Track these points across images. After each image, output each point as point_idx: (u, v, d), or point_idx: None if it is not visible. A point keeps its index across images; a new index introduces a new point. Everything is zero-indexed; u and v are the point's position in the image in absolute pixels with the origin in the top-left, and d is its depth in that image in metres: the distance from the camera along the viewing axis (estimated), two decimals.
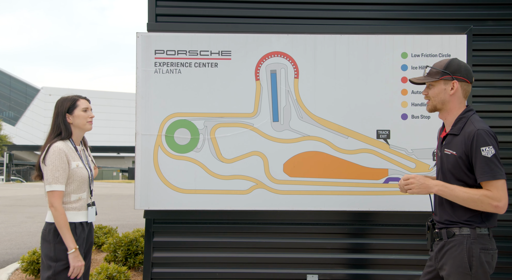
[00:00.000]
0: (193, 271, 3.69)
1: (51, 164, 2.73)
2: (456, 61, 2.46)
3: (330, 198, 3.63)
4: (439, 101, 2.47)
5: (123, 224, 9.54)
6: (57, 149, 2.75)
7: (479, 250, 2.31)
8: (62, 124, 2.87)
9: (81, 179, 2.84)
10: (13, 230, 9.28)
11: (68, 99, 2.93)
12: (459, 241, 2.35)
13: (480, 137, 2.28)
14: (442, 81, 2.45)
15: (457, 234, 2.36)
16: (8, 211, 12.72)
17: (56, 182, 2.72)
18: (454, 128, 2.43)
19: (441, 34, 3.68)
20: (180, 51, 3.65)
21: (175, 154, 3.62)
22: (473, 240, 2.33)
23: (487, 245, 2.33)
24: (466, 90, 2.46)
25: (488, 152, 2.27)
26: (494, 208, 2.27)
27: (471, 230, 2.34)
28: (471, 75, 2.46)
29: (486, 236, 2.35)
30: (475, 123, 2.36)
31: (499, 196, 2.25)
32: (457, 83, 2.42)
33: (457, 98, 2.45)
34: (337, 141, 3.64)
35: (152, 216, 3.68)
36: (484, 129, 2.31)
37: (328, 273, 3.70)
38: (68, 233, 2.73)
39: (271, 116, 3.65)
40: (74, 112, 2.89)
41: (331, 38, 3.67)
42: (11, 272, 5.46)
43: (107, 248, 5.57)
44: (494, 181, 2.26)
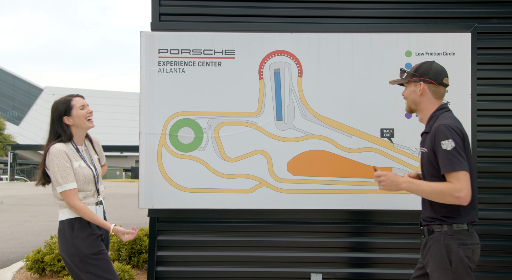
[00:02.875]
0: (197, 269, 3.70)
1: (56, 165, 2.70)
2: (427, 64, 2.57)
3: (334, 197, 3.62)
4: (412, 102, 2.61)
5: (127, 223, 9.56)
6: (56, 150, 2.72)
7: (457, 246, 2.37)
8: (60, 129, 2.82)
9: (84, 178, 2.79)
10: (17, 229, 9.31)
11: (62, 101, 2.86)
12: (437, 238, 2.43)
13: (440, 132, 2.38)
14: (412, 83, 2.59)
15: (436, 231, 2.44)
16: (12, 210, 12.77)
17: (67, 181, 2.69)
18: (427, 127, 2.56)
19: (446, 32, 3.67)
20: (183, 50, 3.65)
21: (179, 153, 3.63)
22: (450, 236, 2.39)
23: (465, 240, 2.39)
24: (435, 92, 2.55)
25: (448, 145, 2.35)
26: (456, 199, 2.32)
27: (448, 226, 2.41)
28: (440, 78, 2.54)
29: (465, 232, 2.40)
30: (440, 120, 2.46)
31: (460, 187, 2.31)
32: (424, 84, 2.54)
33: (428, 99, 2.56)
34: (341, 140, 3.64)
35: (156, 214, 3.69)
36: (445, 124, 2.39)
37: (332, 272, 3.70)
38: (99, 219, 2.75)
39: (275, 115, 3.65)
40: (72, 113, 2.83)
41: (335, 37, 3.67)
42: (16, 270, 5.48)
43: (110, 247, 5.58)
44: (454, 173, 2.33)
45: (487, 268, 3.75)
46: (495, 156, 3.77)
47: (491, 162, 3.77)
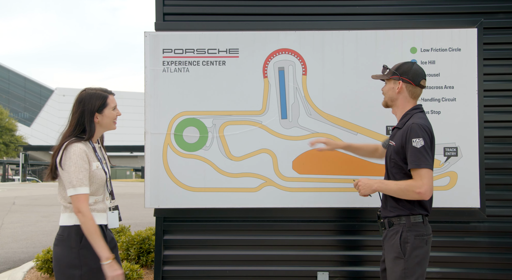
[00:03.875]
0: (204, 268, 3.71)
1: (73, 165, 2.45)
2: (408, 64, 2.72)
3: (340, 195, 3.61)
4: (389, 98, 2.79)
5: (136, 223, 9.61)
6: (77, 149, 2.48)
7: (414, 237, 2.56)
8: (88, 125, 2.57)
9: (100, 181, 2.58)
10: (29, 229, 9.42)
11: (98, 96, 2.60)
12: (396, 229, 2.62)
13: (413, 130, 2.54)
14: (392, 80, 2.76)
15: (395, 223, 2.63)
16: (24, 211, 12.90)
17: (81, 184, 2.44)
18: (399, 123, 2.72)
19: (451, 28, 3.63)
20: (187, 50, 3.66)
21: (184, 152, 3.64)
22: (408, 228, 2.58)
23: (421, 231, 2.59)
24: (412, 91, 2.71)
25: (418, 143, 2.52)
26: (417, 195, 2.51)
27: (406, 218, 2.60)
28: (418, 79, 2.70)
29: (420, 223, 2.60)
30: (414, 119, 2.62)
31: (421, 183, 2.49)
32: (402, 83, 2.70)
33: (404, 97, 2.72)
34: (346, 138, 3.62)
35: (162, 214, 3.70)
36: (418, 124, 2.56)
37: (339, 270, 3.69)
38: (101, 241, 2.43)
39: (280, 114, 3.64)
40: (104, 112, 2.62)
41: (339, 34, 3.65)
42: (27, 270, 5.54)
43: (119, 246, 5.62)
44: (418, 169, 2.51)
45: (495, 265, 3.71)
46: (502, 152, 3.73)
47: (499, 158, 3.73)
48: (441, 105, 3.61)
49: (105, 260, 2.43)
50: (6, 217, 11.48)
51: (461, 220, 3.71)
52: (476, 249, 3.73)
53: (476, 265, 3.72)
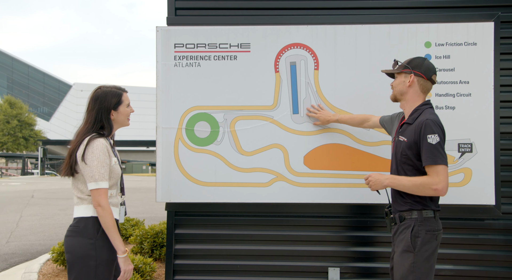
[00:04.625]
0: (214, 263, 3.72)
1: (96, 159, 2.50)
2: (420, 59, 2.71)
3: (351, 191, 3.58)
4: (398, 92, 2.77)
5: (151, 217, 9.70)
6: (100, 144, 2.54)
7: (425, 232, 2.56)
8: (106, 121, 2.65)
9: (116, 176, 2.66)
10: (46, 222, 9.57)
11: (114, 94, 2.68)
12: (408, 224, 2.61)
13: (428, 126, 2.53)
14: (403, 74, 2.73)
15: (407, 218, 2.62)
16: (42, 204, 13.13)
17: (103, 179, 2.51)
18: (409, 118, 2.69)
19: (467, 22, 3.56)
20: (199, 45, 3.66)
21: (196, 147, 3.64)
22: (420, 222, 2.58)
23: (432, 226, 2.58)
24: (423, 86, 2.70)
25: (433, 139, 2.51)
26: (434, 191, 2.51)
27: (418, 213, 2.59)
28: (429, 73, 2.68)
29: (431, 219, 2.59)
30: (427, 115, 2.60)
31: (438, 180, 2.48)
32: (414, 77, 2.68)
33: (415, 91, 2.70)
34: (358, 133, 3.58)
35: (173, 208, 3.72)
36: (432, 120, 2.55)
37: (350, 266, 3.67)
38: (117, 235, 2.52)
39: (291, 109, 3.62)
40: (119, 109, 2.70)
41: (352, 29, 3.61)
42: (43, 262, 5.64)
43: (133, 240, 5.68)
44: (435, 166, 2.50)
45: (510, 263, 3.65)
46: None
47: None
48: (456, 101, 3.55)
49: (122, 254, 2.53)
50: (25, 209, 11.69)
51: (476, 217, 3.66)
52: (491, 247, 3.67)
53: (490, 263, 3.66)
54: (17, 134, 43.44)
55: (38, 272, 5.18)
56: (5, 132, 43.14)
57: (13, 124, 42.99)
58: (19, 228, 8.77)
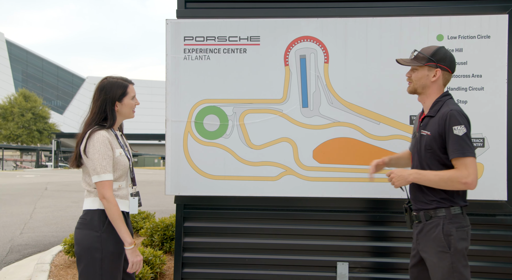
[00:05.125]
0: (223, 256, 3.73)
1: (97, 152, 2.50)
2: (443, 50, 2.56)
3: (360, 185, 3.56)
4: (420, 86, 2.60)
5: (162, 210, 9.76)
6: (101, 136, 2.53)
7: (456, 229, 2.44)
8: (110, 113, 2.63)
9: (123, 167, 2.64)
10: (59, 214, 9.68)
11: (119, 85, 2.66)
12: (436, 222, 2.48)
13: (453, 117, 2.41)
14: (426, 68, 2.56)
15: (434, 216, 2.49)
16: (55, 196, 13.28)
17: (105, 171, 2.50)
18: (431, 111, 2.56)
19: (480, 14, 3.50)
20: (209, 38, 3.65)
21: (205, 140, 3.64)
22: (449, 220, 2.46)
23: (462, 223, 2.47)
24: (446, 79, 2.58)
25: (460, 130, 2.39)
26: (463, 185, 2.39)
27: (446, 210, 2.47)
28: (454, 66, 2.58)
29: (460, 215, 2.48)
30: (450, 106, 2.48)
31: (467, 173, 2.37)
32: (440, 71, 2.54)
33: (437, 85, 2.57)
34: (368, 127, 3.55)
35: (182, 201, 3.73)
36: (457, 110, 2.44)
37: (359, 261, 3.65)
38: (124, 226, 2.51)
39: (301, 102, 3.60)
40: (124, 101, 2.67)
41: (363, 21, 3.57)
42: (55, 254, 5.70)
43: (144, 232, 5.71)
44: (463, 158, 2.38)
45: None
46: None
47: None
48: (468, 95, 3.50)
49: (129, 245, 2.52)
50: (39, 201, 11.84)
51: (487, 212, 3.61)
52: (502, 243, 3.62)
53: (502, 259, 3.62)
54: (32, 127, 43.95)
55: (50, 263, 5.24)
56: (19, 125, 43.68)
57: (28, 118, 43.50)
58: (33, 220, 8.88)
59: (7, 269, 5.36)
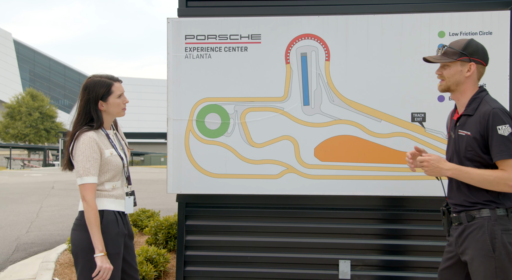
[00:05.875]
0: (225, 254, 3.74)
1: (81, 154, 2.47)
2: (474, 42, 2.44)
3: (362, 183, 3.55)
4: (454, 83, 2.43)
5: (168, 208, 9.79)
6: (87, 138, 2.50)
7: (501, 232, 2.28)
8: (94, 113, 2.57)
9: (116, 167, 2.60)
10: (65, 212, 9.74)
11: (102, 83, 2.59)
12: (480, 224, 2.32)
13: (496, 116, 2.27)
14: (459, 63, 2.41)
15: (477, 217, 2.33)
16: (62, 195, 13.36)
17: (88, 174, 2.47)
18: (468, 109, 2.41)
19: (482, 10, 3.47)
20: (210, 36, 3.65)
21: (206, 139, 3.65)
22: (494, 221, 2.30)
23: (507, 225, 2.30)
24: (480, 73, 2.44)
25: (505, 130, 2.24)
26: (510, 188, 2.25)
27: (491, 211, 2.31)
28: (487, 58, 2.44)
29: (505, 217, 2.31)
30: (490, 103, 2.34)
31: None
32: (474, 65, 2.39)
33: (472, 80, 2.42)
34: (370, 125, 3.54)
35: (184, 199, 3.75)
36: (500, 108, 2.30)
37: (361, 259, 3.65)
38: (98, 233, 2.47)
39: (302, 100, 3.60)
40: (109, 100, 2.60)
41: (364, 19, 3.55)
42: (60, 252, 5.74)
43: (148, 231, 5.73)
44: (510, 160, 2.24)
45: None
46: None
47: None
48: None
49: (99, 252, 2.47)
50: (45, 200, 11.92)
51: None
52: None
53: None
54: (39, 126, 44.23)
55: (55, 261, 5.28)
56: (27, 125, 43.97)
57: (35, 117, 43.77)
58: (39, 218, 8.95)
59: (13, 267, 5.40)
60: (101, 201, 2.58)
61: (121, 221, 2.64)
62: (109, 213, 2.58)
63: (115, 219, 2.60)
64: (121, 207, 2.66)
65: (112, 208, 2.60)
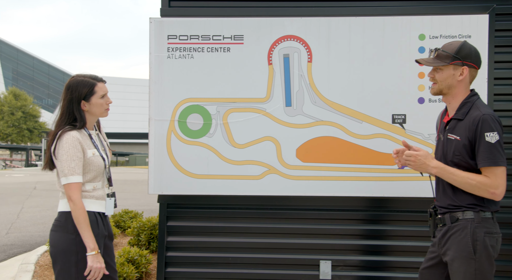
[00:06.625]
0: (206, 255, 3.73)
1: (65, 154, 2.46)
2: (468, 45, 2.42)
3: (343, 184, 3.57)
4: (446, 86, 2.43)
5: (151, 209, 9.73)
6: (70, 137, 2.48)
7: (483, 234, 2.30)
8: (77, 113, 2.56)
9: (97, 168, 2.59)
10: (47, 213, 9.62)
11: (85, 83, 2.57)
12: (463, 225, 2.34)
13: (485, 123, 2.27)
14: (451, 66, 2.40)
15: (461, 219, 2.35)
16: (44, 195, 13.20)
17: (73, 173, 2.46)
18: (458, 113, 2.40)
19: (462, 14, 3.52)
20: (192, 36, 3.64)
21: (188, 139, 3.64)
22: (477, 224, 2.31)
23: (491, 228, 2.32)
24: (473, 76, 2.44)
25: (492, 137, 2.25)
26: (491, 195, 2.28)
27: (474, 213, 2.33)
28: (480, 61, 2.44)
29: (490, 220, 2.33)
30: (481, 108, 2.34)
31: (497, 183, 2.26)
32: (467, 69, 2.39)
33: (464, 84, 2.42)
34: (351, 126, 3.57)
35: (165, 200, 3.73)
36: (490, 115, 2.29)
37: (342, 259, 3.67)
38: (88, 231, 2.46)
39: (284, 101, 3.61)
40: (92, 100, 2.59)
41: (346, 21, 3.58)
42: (41, 253, 5.66)
43: (131, 232, 5.69)
44: (494, 168, 2.26)
45: (505, 256, 3.62)
46: None
47: (509, 148, 3.62)
48: None
49: (90, 251, 2.47)
50: (27, 201, 11.76)
51: None
52: None
53: None
54: (22, 126, 43.64)
55: (35, 263, 5.21)
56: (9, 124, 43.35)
57: (18, 116, 43.18)
58: (20, 219, 8.83)
59: None
60: None
61: (101, 222, 2.62)
62: (89, 214, 2.55)
63: (95, 220, 2.58)
64: (101, 208, 2.64)
65: (92, 209, 2.58)
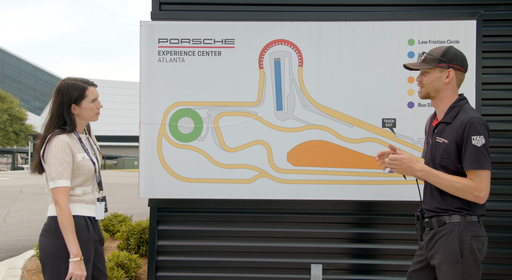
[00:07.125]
0: (197, 259, 3.72)
1: (54, 157, 2.44)
2: (453, 49, 2.46)
3: (334, 188, 3.59)
4: (433, 89, 2.46)
5: (140, 213, 9.67)
6: (59, 141, 2.46)
7: (470, 238, 2.33)
8: (67, 116, 2.54)
9: (87, 172, 2.56)
10: (34, 217, 9.51)
11: (76, 87, 2.55)
12: (450, 229, 2.36)
13: (473, 126, 2.29)
14: (438, 69, 2.44)
15: (448, 222, 2.38)
16: (31, 199, 13.04)
17: (60, 177, 2.44)
18: (446, 117, 2.43)
19: (450, 19, 3.57)
20: (183, 40, 3.64)
21: (179, 143, 3.63)
22: (463, 227, 2.34)
23: (477, 232, 2.35)
24: (460, 79, 2.47)
25: (479, 141, 2.28)
26: (475, 198, 2.31)
27: (461, 217, 2.35)
28: (466, 65, 2.48)
29: (476, 223, 2.36)
30: (469, 112, 2.36)
31: (481, 187, 2.29)
32: (453, 72, 2.42)
33: (451, 87, 2.45)
34: (342, 130, 3.59)
35: (156, 204, 3.71)
36: (477, 118, 2.32)
37: (332, 263, 3.68)
38: (73, 237, 2.43)
39: (275, 105, 3.62)
40: (82, 104, 2.56)
41: (336, 25, 3.61)
42: (28, 258, 5.60)
43: (120, 236, 5.65)
44: (479, 171, 2.29)
45: (492, 260, 3.67)
46: (501, 146, 3.68)
47: (497, 152, 3.68)
48: None
49: (74, 257, 2.43)
50: (13, 205, 11.61)
51: None
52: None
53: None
54: (8, 128, 43.10)
55: (22, 268, 5.14)
56: None
57: (4, 119, 42.64)
58: (6, 224, 8.71)
59: None
60: (72, 206, 2.53)
61: (91, 227, 2.59)
62: (79, 219, 2.53)
63: (86, 224, 2.55)
64: (92, 212, 2.61)
65: (82, 214, 2.56)
